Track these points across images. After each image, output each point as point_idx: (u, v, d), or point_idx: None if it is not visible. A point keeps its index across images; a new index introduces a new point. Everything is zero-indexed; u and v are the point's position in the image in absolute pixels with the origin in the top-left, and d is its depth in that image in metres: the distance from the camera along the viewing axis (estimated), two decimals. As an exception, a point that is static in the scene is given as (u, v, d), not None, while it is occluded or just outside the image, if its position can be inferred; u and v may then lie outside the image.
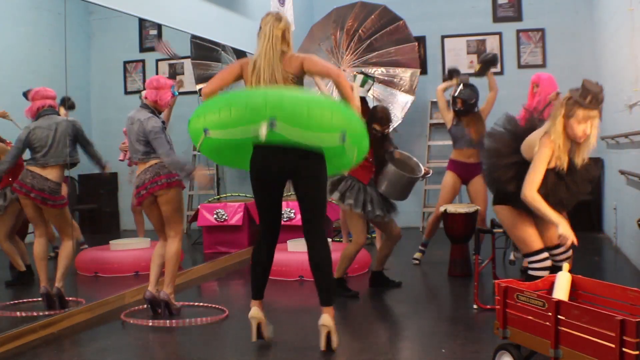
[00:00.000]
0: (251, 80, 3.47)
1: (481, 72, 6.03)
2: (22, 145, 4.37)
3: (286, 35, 3.54)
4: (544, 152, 3.34)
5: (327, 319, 3.52)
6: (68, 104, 4.94)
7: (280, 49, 3.47)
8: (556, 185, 3.39)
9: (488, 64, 5.98)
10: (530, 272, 3.55)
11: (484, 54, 6.54)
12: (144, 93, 4.48)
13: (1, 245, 4.68)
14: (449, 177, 5.84)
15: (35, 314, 4.24)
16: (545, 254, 3.55)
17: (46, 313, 4.23)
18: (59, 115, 4.46)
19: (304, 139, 3.25)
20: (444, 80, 6.23)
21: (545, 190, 3.35)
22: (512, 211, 3.59)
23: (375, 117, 4.86)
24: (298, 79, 3.51)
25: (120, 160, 6.00)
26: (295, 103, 3.21)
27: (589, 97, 3.27)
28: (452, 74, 6.08)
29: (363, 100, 6.68)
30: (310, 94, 3.63)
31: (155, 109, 4.40)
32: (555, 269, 3.38)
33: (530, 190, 3.32)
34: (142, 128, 4.27)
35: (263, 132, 3.12)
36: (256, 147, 3.45)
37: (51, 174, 4.33)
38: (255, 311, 3.63)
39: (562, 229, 3.26)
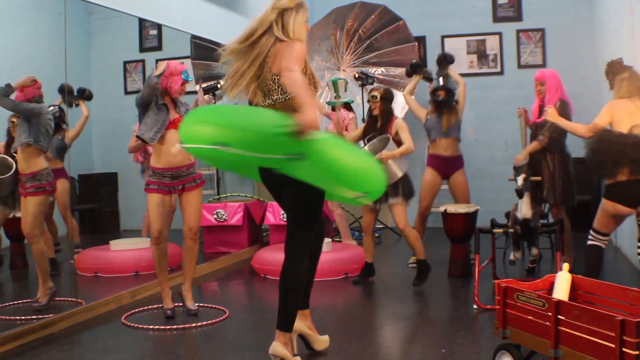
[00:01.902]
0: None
1: (440, 73, 6.03)
2: None
3: (285, 17, 3.13)
4: None
5: (276, 347, 3.12)
6: (85, 94, 5.02)
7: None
8: None
9: (415, 68, 5.99)
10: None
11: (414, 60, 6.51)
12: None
13: None
14: (428, 174, 5.81)
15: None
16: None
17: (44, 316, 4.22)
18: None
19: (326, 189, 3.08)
20: (407, 74, 6.19)
21: None
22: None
23: None
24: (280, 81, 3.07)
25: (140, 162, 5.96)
26: (329, 170, 2.84)
27: None
28: (415, 69, 6.02)
29: (347, 105, 6.71)
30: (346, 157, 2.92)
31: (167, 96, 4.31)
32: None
33: None
34: None
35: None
36: None
37: None
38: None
39: None
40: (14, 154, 4.49)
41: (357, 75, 7.41)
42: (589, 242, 4.14)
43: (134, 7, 5.16)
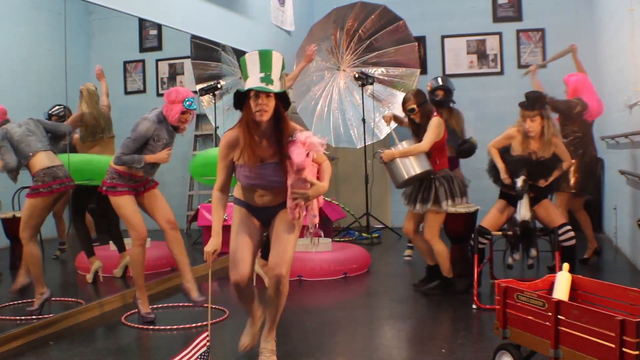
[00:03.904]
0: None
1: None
2: None
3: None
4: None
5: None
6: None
7: None
8: None
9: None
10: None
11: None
12: None
13: None
14: None
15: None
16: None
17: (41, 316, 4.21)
18: None
19: None
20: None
21: None
22: None
23: None
24: None
25: None
26: None
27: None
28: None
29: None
30: None
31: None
32: None
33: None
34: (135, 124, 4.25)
35: None
36: None
37: None
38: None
39: None
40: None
41: (357, 75, 7.42)
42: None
43: (134, 7, 5.15)
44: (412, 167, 4.71)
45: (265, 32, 7.35)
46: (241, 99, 3.08)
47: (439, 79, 6.35)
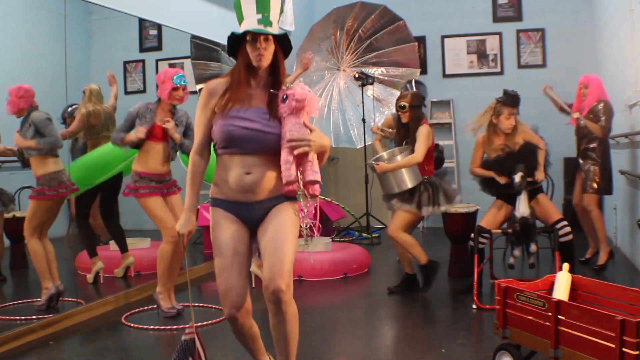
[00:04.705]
0: None
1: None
2: None
3: None
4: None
5: None
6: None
7: None
8: None
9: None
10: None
11: None
12: None
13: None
14: None
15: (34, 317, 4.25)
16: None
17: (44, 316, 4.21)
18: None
19: None
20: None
21: None
22: None
23: None
24: None
25: None
26: None
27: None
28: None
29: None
30: None
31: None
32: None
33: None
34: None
35: None
36: None
37: None
38: None
39: None
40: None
41: (357, 75, 7.41)
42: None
43: (134, 7, 5.16)
44: (403, 181, 4.73)
45: (265, 32, 7.34)
46: (235, 45, 2.59)
47: (413, 84, 6.39)
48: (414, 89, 6.31)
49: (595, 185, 5.44)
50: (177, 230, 2.60)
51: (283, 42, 2.61)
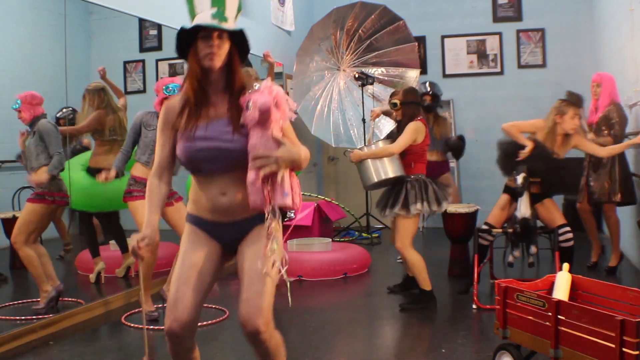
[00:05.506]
0: None
1: None
2: None
3: None
4: None
5: None
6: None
7: None
8: None
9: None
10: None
11: None
12: None
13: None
14: None
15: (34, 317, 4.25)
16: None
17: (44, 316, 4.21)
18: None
19: None
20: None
21: None
22: None
23: None
24: None
25: None
26: None
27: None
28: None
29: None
30: None
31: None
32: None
33: None
34: None
35: None
36: None
37: None
38: None
39: None
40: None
41: (357, 75, 7.41)
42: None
43: (134, 7, 5.16)
44: (382, 170, 4.50)
45: (265, 32, 7.35)
46: (186, 44, 2.28)
47: (427, 85, 6.34)
48: (428, 89, 6.23)
49: (619, 197, 5.26)
50: (130, 243, 2.31)
51: (239, 41, 2.30)
